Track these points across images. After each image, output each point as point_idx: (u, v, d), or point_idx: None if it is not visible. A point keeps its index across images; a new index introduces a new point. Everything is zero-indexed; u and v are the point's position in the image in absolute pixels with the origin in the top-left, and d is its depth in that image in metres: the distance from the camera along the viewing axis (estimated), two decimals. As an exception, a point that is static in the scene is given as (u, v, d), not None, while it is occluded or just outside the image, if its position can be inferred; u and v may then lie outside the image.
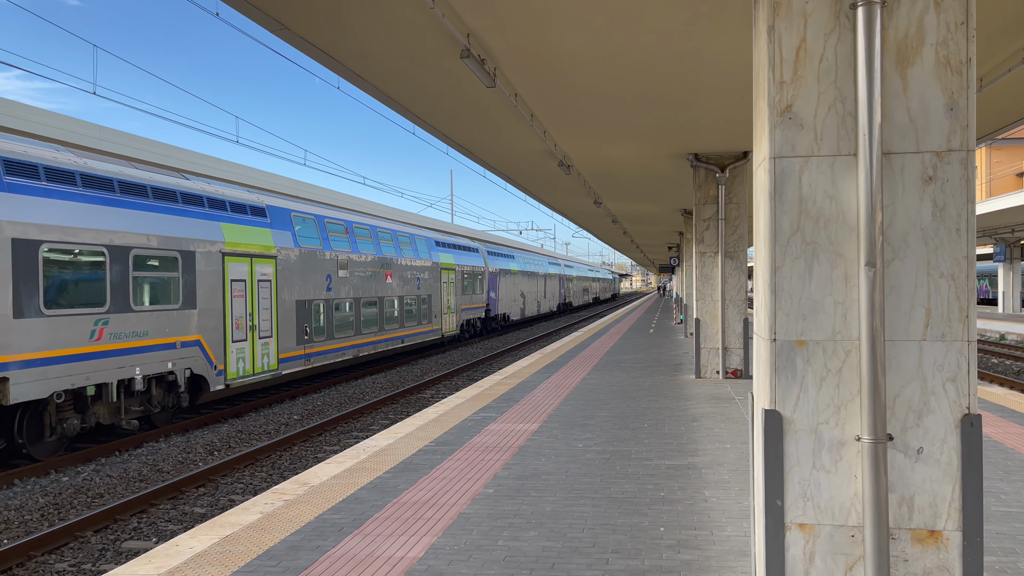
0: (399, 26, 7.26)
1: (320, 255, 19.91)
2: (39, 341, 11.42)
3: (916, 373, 3.44)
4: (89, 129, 19.05)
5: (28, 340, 11.22)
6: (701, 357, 14.07)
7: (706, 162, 14.05)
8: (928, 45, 3.40)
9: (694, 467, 7.30)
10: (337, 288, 20.85)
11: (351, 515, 5.90)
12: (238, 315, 16.23)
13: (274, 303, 17.67)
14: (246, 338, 16.51)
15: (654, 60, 8.28)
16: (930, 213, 3.43)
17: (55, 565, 7.56)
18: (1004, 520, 5.63)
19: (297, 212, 19.31)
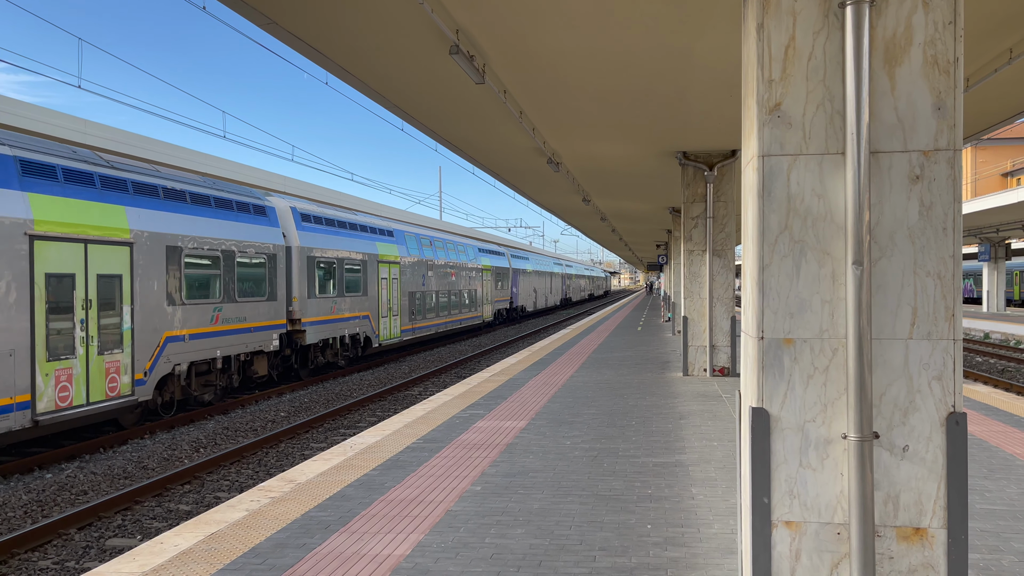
0: (388, 21, 7.23)
1: (420, 261, 28.83)
2: (319, 310, 20.38)
3: (902, 371, 3.45)
4: (74, 123, 18.88)
5: (312, 309, 20.11)
6: (689, 355, 14.11)
7: (695, 160, 14.08)
8: (916, 45, 3.41)
9: (681, 464, 7.32)
10: (428, 284, 29.76)
11: (338, 512, 5.88)
12: (383, 301, 25.00)
13: (398, 294, 26.38)
14: (387, 315, 25.37)
15: (643, 58, 8.29)
16: (917, 212, 3.44)
17: (38, 563, 7.50)
18: (988, 518, 5.67)
19: (407, 232, 28.39)
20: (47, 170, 11.89)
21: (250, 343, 17.30)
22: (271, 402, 16.98)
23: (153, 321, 13.98)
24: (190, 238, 15.02)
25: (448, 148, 13.95)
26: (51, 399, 11.51)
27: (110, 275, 12.84)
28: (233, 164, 25.95)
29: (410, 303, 27.48)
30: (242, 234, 16.98)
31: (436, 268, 30.54)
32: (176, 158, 22.83)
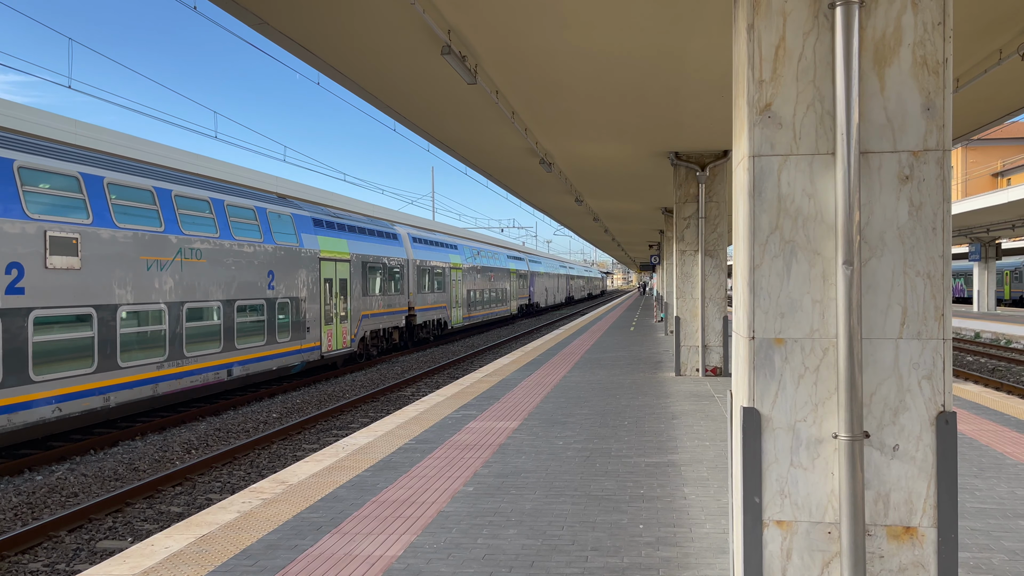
0: (380, 22, 7.21)
1: (473, 267, 38.41)
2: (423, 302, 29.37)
3: (892, 371, 3.46)
4: (65, 124, 18.79)
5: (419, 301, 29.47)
6: (681, 355, 14.13)
7: (687, 161, 14.10)
8: (905, 45, 3.42)
9: (673, 464, 7.33)
10: (477, 284, 39.48)
11: (329, 514, 5.87)
12: (453, 296, 34.53)
13: (462, 291, 36.12)
14: (456, 307, 34.93)
15: (635, 59, 8.30)
16: (907, 212, 3.45)
17: (28, 565, 7.46)
18: (978, 516, 5.70)
19: (465, 245, 38.39)
20: (322, 223, 21.50)
21: (393, 321, 26.76)
22: (263, 403, 16.94)
23: (358, 306, 23.38)
24: (369, 256, 24.42)
25: (441, 148, 13.94)
26: (325, 345, 21.14)
27: (343, 279, 22.31)
28: (225, 165, 25.86)
29: (467, 298, 37.38)
30: (389, 252, 26.43)
31: (483, 272, 40.89)
32: (168, 159, 22.74)
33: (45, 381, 11.64)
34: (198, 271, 15.27)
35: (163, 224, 14.40)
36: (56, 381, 11.85)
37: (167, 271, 14.43)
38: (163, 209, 14.47)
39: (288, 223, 19.33)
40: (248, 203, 17.61)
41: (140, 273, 13.76)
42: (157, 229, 14.21)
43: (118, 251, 13.27)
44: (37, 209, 11.62)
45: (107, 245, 13.02)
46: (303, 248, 19.70)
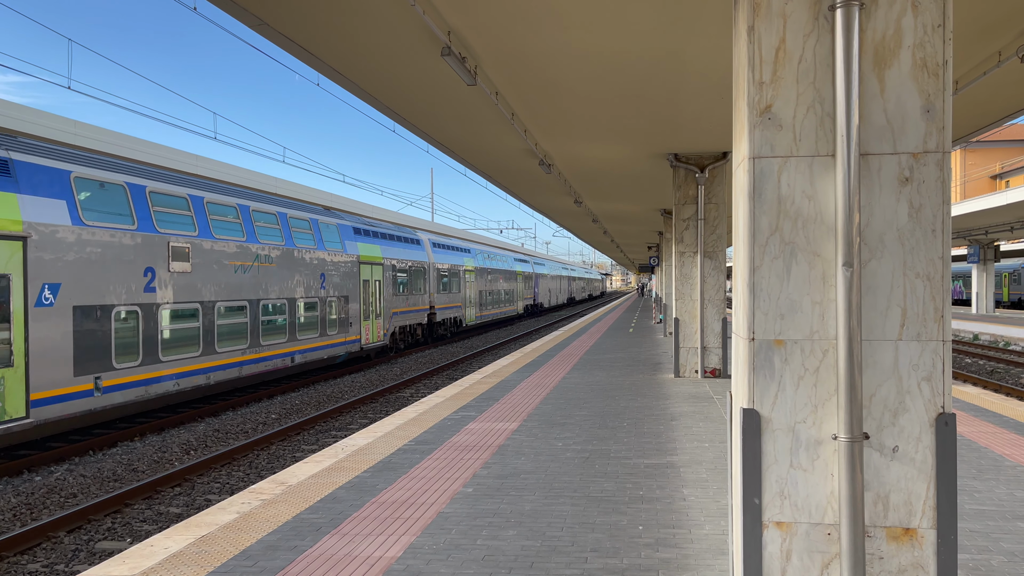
0: (380, 23, 7.22)
1: (483, 269, 41.48)
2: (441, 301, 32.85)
3: (892, 372, 3.47)
4: (64, 124, 18.79)
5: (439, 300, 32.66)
6: (680, 356, 14.14)
7: (686, 162, 14.11)
8: (905, 47, 3.43)
9: (673, 466, 7.33)
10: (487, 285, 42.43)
11: (329, 515, 5.87)
12: (466, 296, 37.48)
13: (475, 292, 39.37)
14: (469, 306, 37.99)
15: (635, 60, 8.30)
16: (906, 214, 3.46)
17: (27, 566, 7.45)
18: (977, 518, 5.70)
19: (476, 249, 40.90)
20: (360, 231, 24.20)
21: (417, 318, 29.78)
22: (262, 404, 16.93)
23: (389, 304, 26.25)
24: (397, 259, 27.25)
25: (440, 150, 13.95)
26: (364, 338, 23.92)
27: (378, 280, 25.13)
28: (224, 165, 25.87)
29: (479, 298, 40.35)
30: (413, 256, 29.18)
31: (493, 274, 43.82)
32: (167, 159, 22.74)
33: (168, 361, 14.60)
34: (270, 274, 18.26)
35: (245, 235, 17.33)
36: (175, 362, 14.79)
37: (248, 274, 17.36)
38: (244, 222, 17.42)
39: (335, 232, 22.26)
40: (304, 215, 20.63)
41: (230, 276, 16.64)
42: (241, 239, 17.09)
43: (215, 258, 16.09)
44: (162, 225, 14.52)
45: (208, 253, 15.86)
46: (347, 254, 22.73)
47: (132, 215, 13.71)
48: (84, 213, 12.62)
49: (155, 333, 14.15)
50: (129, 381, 13.49)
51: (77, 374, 12.27)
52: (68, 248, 12.25)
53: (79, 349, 12.32)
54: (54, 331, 11.87)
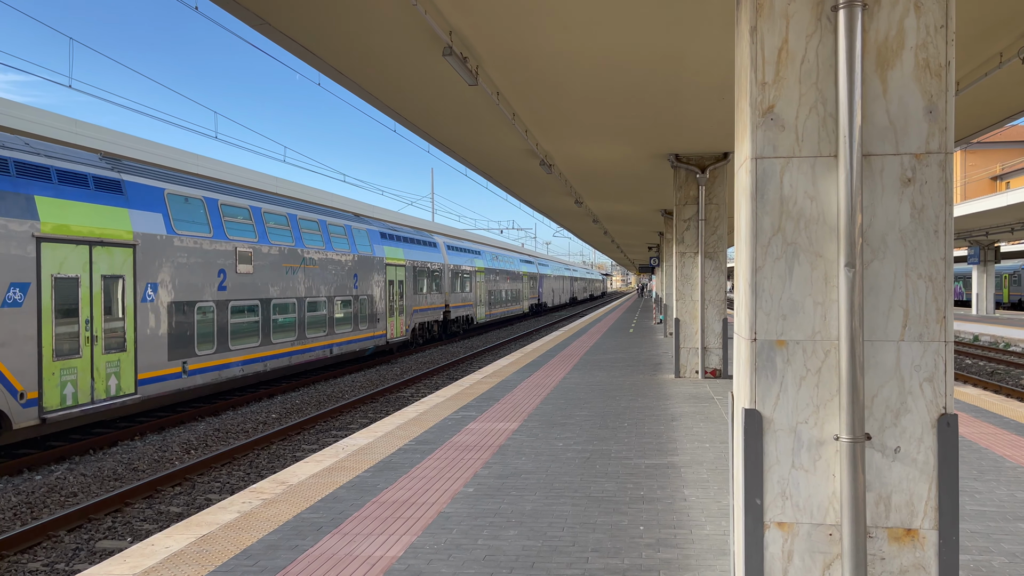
0: (381, 22, 7.22)
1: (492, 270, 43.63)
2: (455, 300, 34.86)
3: (894, 373, 3.47)
4: (65, 123, 18.79)
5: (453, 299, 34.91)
6: (680, 357, 14.14)
7: (687, 163, 14.12)
8: (908, 48, 3.43)
9: (673, 466, 7.33)
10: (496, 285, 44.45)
11: (330, 514, 5.87)
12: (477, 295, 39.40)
13: (484, 292, 41.17)
14: (479, 305, 40.12)
15: (636, 60, 8.31)
16: (909, 215, 3.46)
17: (28, 565, 7.45)
18: (978, 519, 5.70)
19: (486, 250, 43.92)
20: (386, 235, 26.65)
21: (434, 316, 31.97)
22: (262, 404, 16.93)
23: (410, 302, 28.44)
24: (418, 261, 29.39)
25: (441, 150, 13.95)
26: (390, 333, 26.07)
27: (401, 280, 27.37)
28: (225, 165, 25.87)
29: (488, 298, 42.28)
30: (430, 258, 31.46)
31: (501, 275, 45.91)
32: (168, 159, 22.74)
33: (236, 350, 16.88)
34: (313, 275, 20.54)
35: (293, 240, 19.64)
36: (241, 350, 17.10)
37: (296, 275, 19.64)
38: (292, 229, 19.75)
39: (365, 236, 24.59)
40: (340, 221, 22.98)
41: (282, 276, 18.98)
42: (290, 244, 19.41)
43: (271, 261, 18.45)
44: (231, 232, 16.86)
45: (265, 256, 18.23)
46: (375, 256, 25.00)
47: (209, 224, 16.04)
48: (175, 224, 14.96)
49: (226, 325, 16.50)
50: (208, 366, 15.90)
51: (170, 359, 14.68)
52: (163, 253, 14.57)
53: (171, 338, 14.69)
54: (154, 323, 14.23)
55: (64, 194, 12.37)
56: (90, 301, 12.68)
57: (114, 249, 13.22)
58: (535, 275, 59.48)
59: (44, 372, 11.65)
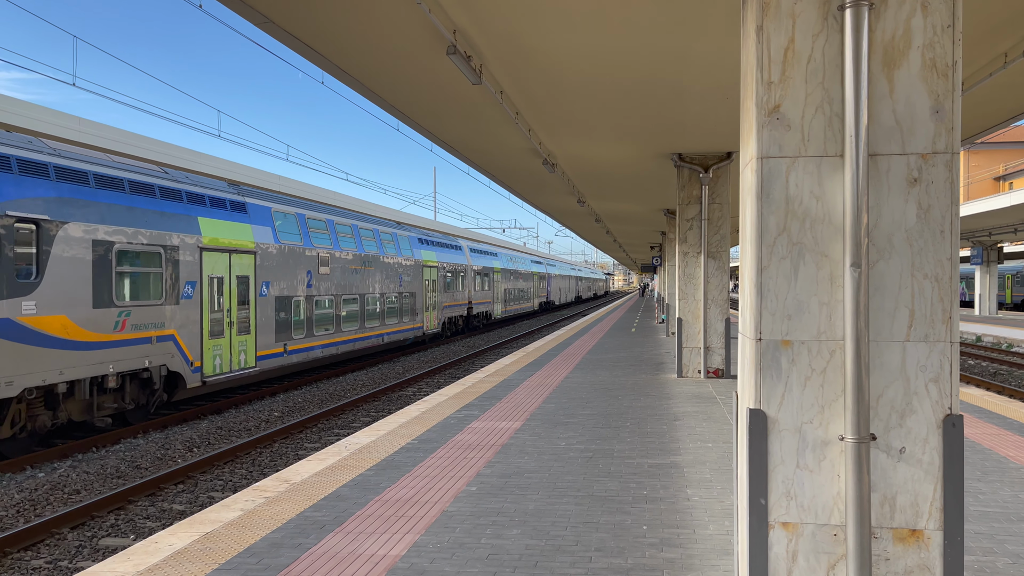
0: (385, 21, 7.22)
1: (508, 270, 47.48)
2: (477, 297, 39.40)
3: (899, 373, 3.46)
4: (69, 121, 18.81)
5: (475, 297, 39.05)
6: (683, 356, 14.13)
7: (690, 162, 14.10)
8: (915, 48, 3.42)
9: (676, 466, 7.33)
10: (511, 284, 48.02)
11: (333, 513, 5.87)
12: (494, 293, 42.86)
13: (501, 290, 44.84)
14: (497, 302, 43.47)
15: (640, 60, 8.30)
16: (915, 215, 3.45)
17: (31, 562, 7.46)
18: (982, 520, 5.69)
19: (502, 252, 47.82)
20: (423, 240, 30.57)
21: (460, 311, 35.76)
22: (264, 402, 16.95)
23: (441, 299, 32.22)
24: (447, 263, 33.28)
25: (444, 148, 13.95)
26: (426, 326, 29.84)
27: (434, 280, 31.08)
28: (228, 163, 25.89)
29: (504, 296, 46.05)
30: (456, 260, 35.19)
31: (515, 275, 49.56)
32: (171, 157, 22.76)
33: (318, 335, 20.68)
34: (369, 274, 24.22)
35: (356, 246, 23.36)
36: (321, 336, 20.83)
37: (358, 274, 23.36)
38: (355, 236, 23.49)
39: (407, 242, 28.63)
40: (389, 229, 27.10)
41: (348, 275, 22.67)
42: (354, 250, 23.13)
43: (341, 263, 22.24)
44: (315, 240, 20.68)
45: (337, 260, 21.95)
46: (415, 259, 28.98)
47: (300, 235, 19.90)
48: (279, 235, 18.79)
49: (312, 316, 20.27)
50: (300, 347, 19.77)
51: (276, 341, 18.49)
52: (272, 258, 18.37)
53: (277, 325, 18.51)
54: (267, 312, 18.06)
55: (213, 215, 16.09)
56: (230, 295, 16.47)
57: (243, 255, 17.04)
58: (544, 275, 63.29)
59: (204, 347, 15.46)
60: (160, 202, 14.40)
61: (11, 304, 10.97)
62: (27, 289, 11.25)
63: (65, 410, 12.41)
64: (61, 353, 11.87)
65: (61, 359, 11.86)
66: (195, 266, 15.16)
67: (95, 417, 12.92)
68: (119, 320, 13.11)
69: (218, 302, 16.00)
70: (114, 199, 13.25)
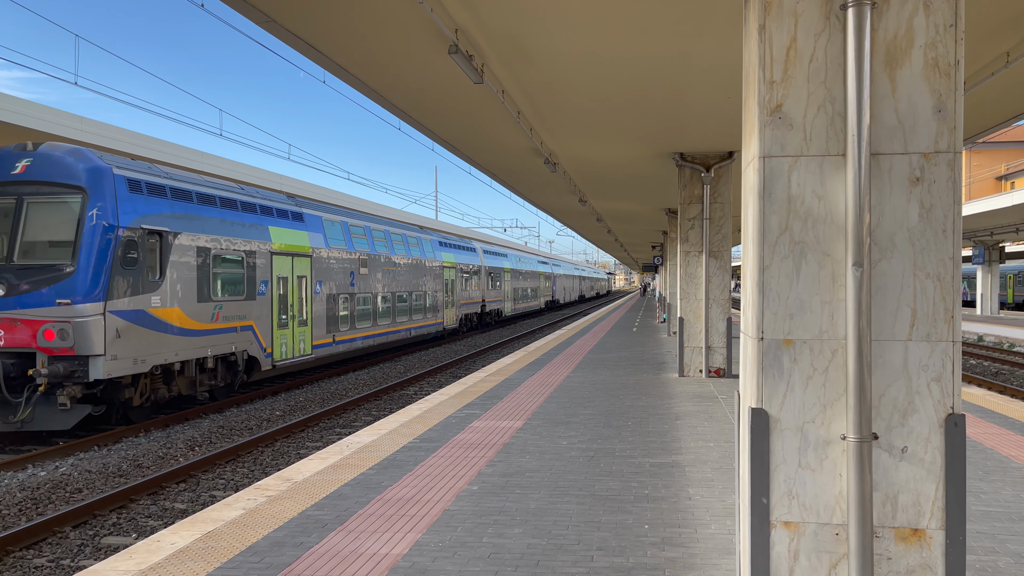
0: (387, 20, 7.22)
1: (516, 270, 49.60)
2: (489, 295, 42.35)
3: (901, 373, 3.46)
4: (71, 120, 18.82)
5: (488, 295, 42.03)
6: (684, 356, 14.13)
7: (691, 162, 14.10)
8: (917, 47, 3.42)
9: (678, 465, 7.33)
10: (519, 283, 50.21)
11: (335, 511, 5.88)
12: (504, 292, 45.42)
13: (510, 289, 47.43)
14: (507, 300, 46.70)
15: (642, 59, 8.30)
16: (917, 214, 3.45)
17: (33, 560, 7.48)
18: (984, 519, 5.69)
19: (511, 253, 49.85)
20: (443, 243, 33.32)
21: (474, 309, 38.39)
22: (266, 401, 16.96)
23: (458, 297, 34.71)
24: (464, 264, 35.80)
25: (445, 148, 13.95)
26: (446, 322, 32.78)
27: (452, 280, 33.60)
28: (230, 163, 25.90)
29: (514, 294, 48.48)
30: (471, 261, 37.69)
31: (523, 275, 52.04)
32: (173, 156, 22.78)
33: (359, 328, 23.24)
34: (399, 275, 26.84)
35: (388, 249, 25.97)
36: (362, 329, 23.36)
37: (390, 274, 25.83)
38: (388, 240, 26.20)
39: (430, 245, 31.47)
40: (415, 233, 29.88)
41: (383, 275, 25.17)
42: (386, 252, 25.75)
43: (377, 265, 24.69)
44: (356, 244, 23.27)
45: (374, 261, 24.52)
46: (437, 260, 31.73)
47: (344, 240, 22.47)
48: (328, 240, 21.36)
49: (354, 311, 22.77)
50: (345, 339, 22.30)
51: (327, 333, 21.11)
52: (324, 261, 21.00)
53: (328, 318, 21.10)
54: (320, 308, 20.71)
55: (279, 224, 18.93)
56: (292, 292, 19.22)
57: (301, 258, 19.73)
58: (550, 275, 66.11)
59: (274, 336, 18.20)
60: (241, 214, 17.19)
61: (145, 299, 13.82)
62: (154, 287, 14.06)
63: (177, 385, 15.06)
64: (176, 338, 14.61)
65: (176, 343, 14.60)
66: (267, 268, 17.98)
67: (197, 392, 15.57)
68: (215, 312, 15.84)
69: (284, 298, 18.81)
70: (210, 213, 15.96)
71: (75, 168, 13.07)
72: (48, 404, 12.44)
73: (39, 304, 12.52)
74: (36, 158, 13.10)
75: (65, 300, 12.48)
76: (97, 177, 13.11)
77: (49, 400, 12.46)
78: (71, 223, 12.85)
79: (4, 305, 12.51)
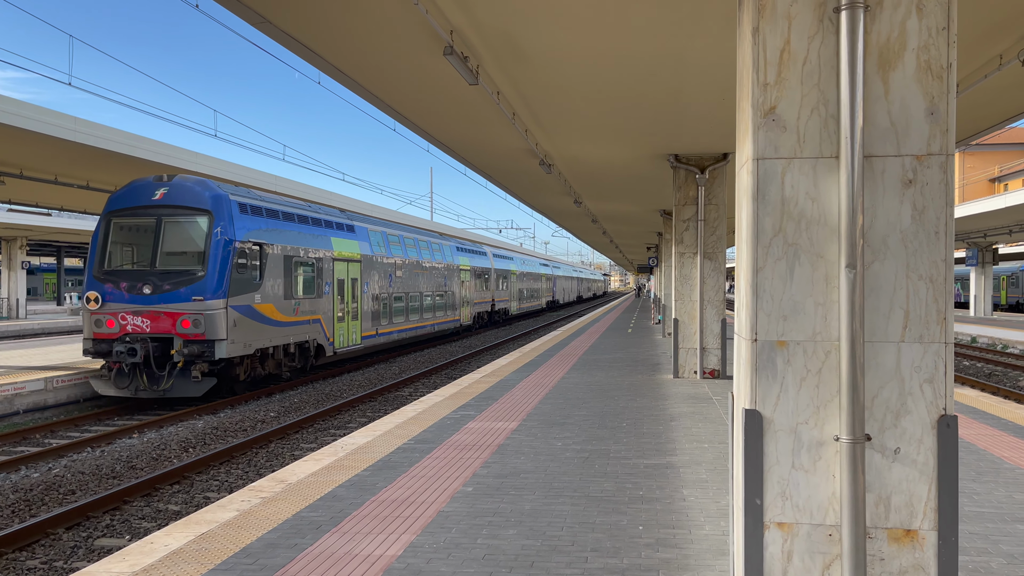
0: (382, 21, 7.22)
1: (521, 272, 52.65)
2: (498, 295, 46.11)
3: (894, 374, 3.48)
4: (64, 121, 18.76)
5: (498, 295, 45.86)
6: (679, 357, 14.15)
7: (686, 163, 14.12)
8: (910, 50, 3.43)
9: (672, 466, 7.34)
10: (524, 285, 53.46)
11: (329, 513, 5.87)
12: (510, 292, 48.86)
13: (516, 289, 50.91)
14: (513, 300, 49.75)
15: (637, 61, 8.31)
16: (910, 216, 3.47)
17: (26, 562, 7.45)
18: (976, 520, 5.71)
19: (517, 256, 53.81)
20: (459, 248, 37.20)
21: (486, 308, 41.46)
22: (260, 402, 16.93)
23: (472, 296, 37.85)
24: (477, 266, 38.75)
25: (440, 149, 13.95)
26: (460, 319, 35.87)
27: (467, 281, 36.65)
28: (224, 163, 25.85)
29: (519, 295, 51.61)
30: (483, 263, 40.78)
31: (528, 276, 55.28)
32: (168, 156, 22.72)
33: (396, 323, 26.57)
34: (425, 277, 30.06)
35: (416, 254, 29.16)
36: (398, 324, 26.71)
37: (420, 276, 29.24)
38: (416, 246, 29.52)
39: (449, 249, 34.71)
40: (436, 240, 33.26)
41: (413, 277, 28.56)
42: (415, 257, 28.98)
43: (409, 268, 28.05)
44: (393, 251, 26.62)
45: (407, 265, 27.88)
46: (454, 264, 34.91)
47: (384, 246, 25.81)
48: (373, 247, 24.71)
49: (391, 309, 26.04)
50: (385, 331, 25.54)
51: (372, 326, 24.35)
52: (370, 265, 24.31)
53: (372, 314, 24.37)
54: (367, 305, 23.97)
55: (338, 235, 22.28)
56: (347, 292, 22.42)
57: (354, 263, 23.07)
58: (551, 276, 70.24)
59: (335, 328, 21.52)
60: (312, 228, 20.70)
61: (251, 296, 17.19)
62: (256, 287, 17.43)
63: (267, 367, 18.29)
64: (270, 328, 17.97)
65: (271, 332, 17.98)
66: (330, 272, 21.36)
67: (282, 372, 18.92)
68: (295, 307, 19.23)
69: (341, 297, 22.11)
70: (291, 227, 19.45)
71: (202, 195, 16.56)
72: (183, 377, 15.84)
73: (177, 300, 15.97)
74: (171, 187, 16.68)
75: (199, 297, 15.94)
76: (219, 202, 16.57)
77: (184, 374, 15.88)
78: (201, 238, 16.38)
79: (150, 301, 15.95)
